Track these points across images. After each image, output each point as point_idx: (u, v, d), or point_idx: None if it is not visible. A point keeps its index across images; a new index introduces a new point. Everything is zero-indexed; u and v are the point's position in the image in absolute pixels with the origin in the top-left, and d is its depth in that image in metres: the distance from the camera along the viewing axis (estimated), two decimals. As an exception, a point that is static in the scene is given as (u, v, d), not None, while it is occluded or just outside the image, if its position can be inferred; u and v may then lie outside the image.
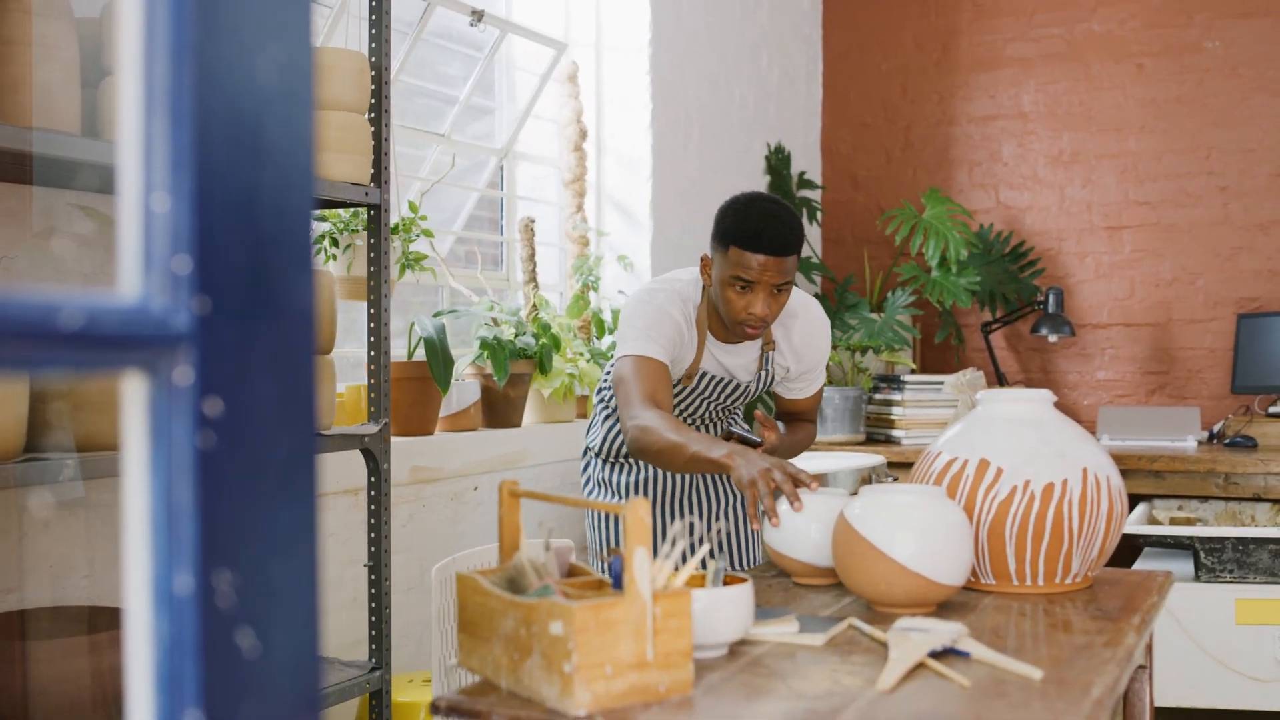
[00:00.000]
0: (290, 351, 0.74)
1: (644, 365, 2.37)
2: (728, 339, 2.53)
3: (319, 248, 2.87)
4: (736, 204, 2.39)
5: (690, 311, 2.48)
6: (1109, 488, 1.94)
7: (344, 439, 2.41)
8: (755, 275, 2.31)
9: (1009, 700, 1.38)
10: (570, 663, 1.32)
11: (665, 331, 2.40)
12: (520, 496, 1.57)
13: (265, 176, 0.71)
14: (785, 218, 2.34)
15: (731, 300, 2.35)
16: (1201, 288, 4.80)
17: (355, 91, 2.43)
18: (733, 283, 2.33)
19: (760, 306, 2.33)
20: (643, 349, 2.38)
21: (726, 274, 2.34)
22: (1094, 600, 1.91)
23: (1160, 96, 4.86)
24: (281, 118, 0.73)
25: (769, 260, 2.30)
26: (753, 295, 2.33)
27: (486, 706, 1.38)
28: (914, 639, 1.56)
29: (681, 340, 2.45)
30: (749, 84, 4.80)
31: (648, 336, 2.39)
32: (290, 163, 0.74)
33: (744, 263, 2.31)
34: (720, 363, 2.54)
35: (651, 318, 2.41)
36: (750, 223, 2.32)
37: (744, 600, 1.57)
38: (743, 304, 2.34)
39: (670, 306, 2.44)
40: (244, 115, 0.70)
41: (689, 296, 2.49)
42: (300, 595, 0.75)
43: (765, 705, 1.36)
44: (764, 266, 2.30)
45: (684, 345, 2.47)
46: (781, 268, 2.32)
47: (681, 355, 2.48)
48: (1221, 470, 3.93)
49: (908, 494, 1.82)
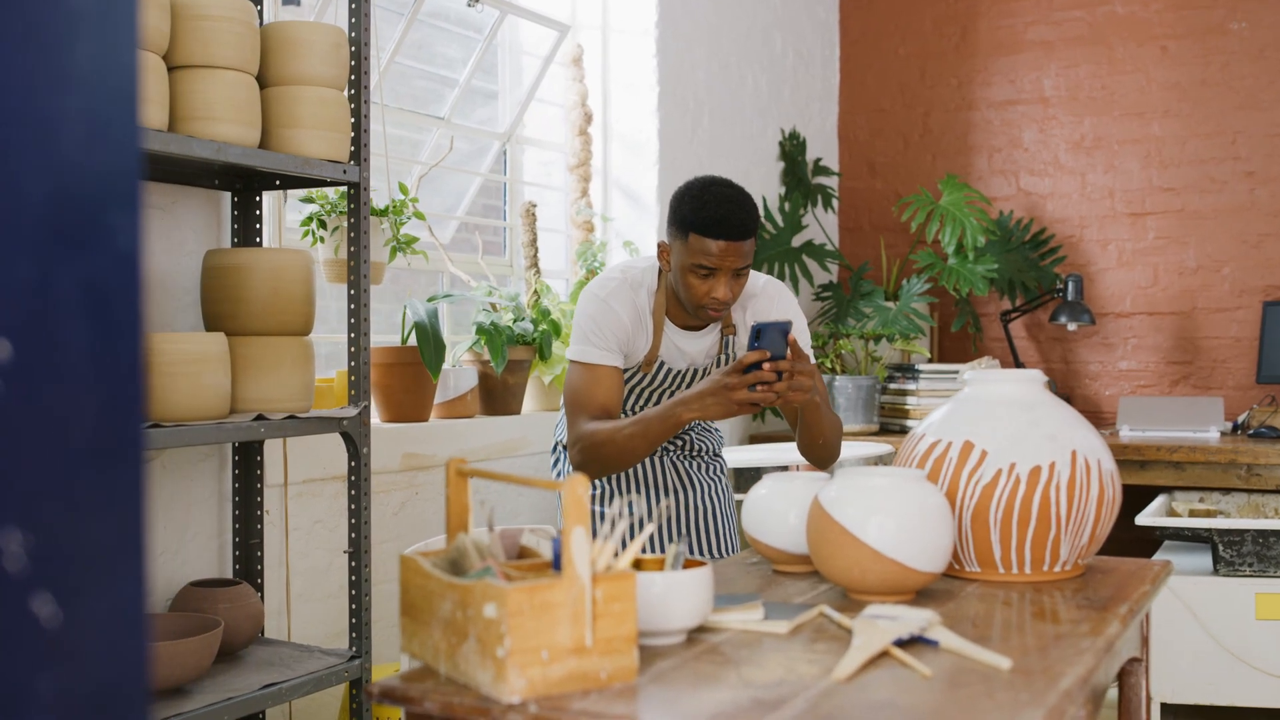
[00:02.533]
0: (107, 296, 0.68)
1: (590, 375, 2.43)
2: (687, 324, 2.52)
3: (305, 230, 2.82)
4: (692, 190, 2.37)
5: (645, 300, 2.48)
6: (1100, 472, 1.85)
7: (321, 422, 2.36)
8: (716, 261, 2.32)
9: (971, 690, 1.30)
10: (503, 647, 1.25)
11: (611, 330, 2.43)
12: (468, 475, 1.50)
13: (72, 103, 0.65)
14: (742, 202, 2.35)
15: (693, 286, 2.36)
16: (1227, 275, 4.68)
17: (333, 67, 2.37)
18: (694, 269, 2.35)
19: (722, 290, 2.35)
20: (587, 354, 2.43)
21: (687, 261, 2.35)
22: (1083, 589, 1.82)
23: (1185, 79, 4.74)
24: (95, 39, 0.67)
25: (729, 245, 2.32)
26: (714, 280, 2.35)
27: (419, 692, 1.32)
28: (881, 626, 1.49)
29: (630, 334, 2.47)
30: (762, 68, 4.71)
31: (590, 340, 2.43)
32: (107, 90, 0.67)
33: (704, 249, 2.32)
34: (680, 349, 2.54)
35: (596, 317, 2.44)
36: (708, 209, 2.31)
37: (702, 585, 1.50)
38: (704, 289, 2.36)
39: (617, 300, 2.45)
40: (44, 32, 0.64)
41: (643, 284, 2.49)
42: (121, 563, 0.69)
43: (710, 694, 1.29)
44: (724, 252, 2.32)
45: (635, 338, 2.48)
46: (741, 251, 2.34)
47: (635, 348, 2.49)
48: (1243, 461, 3.82)
49: (884, 477, 1.75)
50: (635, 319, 2.47)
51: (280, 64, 2.33)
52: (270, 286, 2.33)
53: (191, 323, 2.50)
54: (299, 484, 2.74)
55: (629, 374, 2.54)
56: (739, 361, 2.22)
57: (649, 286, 2.50)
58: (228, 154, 2.16)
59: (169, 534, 2.48)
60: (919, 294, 4.52)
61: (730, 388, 2.22)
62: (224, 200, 2.60)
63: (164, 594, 2.47)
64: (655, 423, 2.31)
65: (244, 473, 2.58)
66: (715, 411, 2.26)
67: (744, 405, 2.23)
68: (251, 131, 2.23)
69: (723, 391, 2.23)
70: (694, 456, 2.71)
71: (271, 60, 2.34)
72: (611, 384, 2.43)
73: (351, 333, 2.46)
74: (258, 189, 2.57)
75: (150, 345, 2.12)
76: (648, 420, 2.32)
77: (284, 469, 2.69)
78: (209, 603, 2.34)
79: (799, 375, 2.23)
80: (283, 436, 2.30)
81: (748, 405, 2.24)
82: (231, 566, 2.59)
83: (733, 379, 2.22)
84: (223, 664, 2.34)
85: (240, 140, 2.20)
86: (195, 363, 2.15)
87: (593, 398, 2.42)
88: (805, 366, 2.24)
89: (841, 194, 5.30)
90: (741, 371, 2.21)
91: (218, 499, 2.59)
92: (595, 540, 1.33)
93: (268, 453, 2.65)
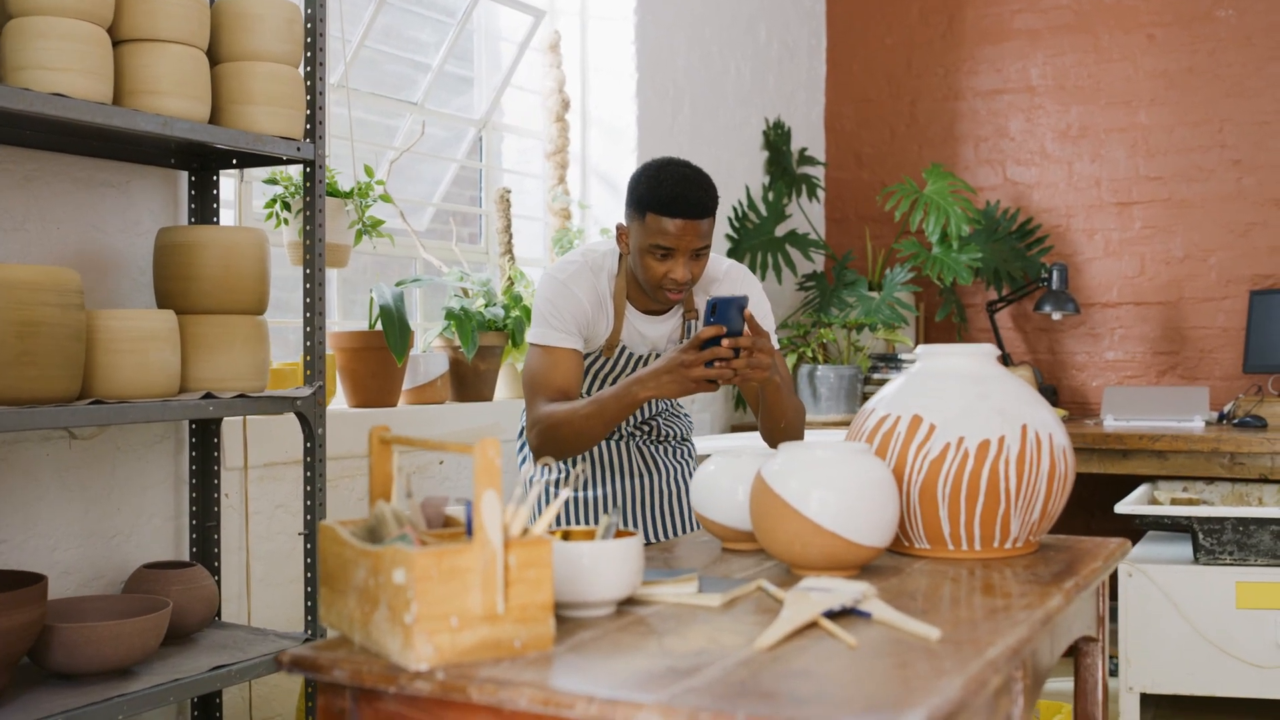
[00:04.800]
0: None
1: (548, 357, 2.40)
2: (649, 309, 2.49)
3: (269, 212, 2.79)
4: (649, 170, 2.34)
5: (605, 284, 2.45)
6: (1052, 446, 1.82)
7: (274, 401, 2.33)
8: (673, 241, 2.29)
9: (894, 660, 1.27)
10: (410, 613, 1.22)
11: (570, 312, 2.41)
12: (390, 443, 1.47)
13: None
14: (700, 181, 2.32)
15: (651, 266, 2.33)
16: (1214, 265, 4.64)
17: (285, 42, 2.35)
18: (652, 250, 2.31)
19: (680, 271, 2.32)
20: (546, 337, 2.40)
21: (645, 241, 2.32)
22: (1034, 566, 1.79)
23: (1171, 67, 4.70)
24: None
25: (686, 224, 2.28)
26: (673, 261, 2.32)
27: (329, 661, 1.29)
28: (813, 598, 1.46)
29: (590, 318, 2.44)
30: (745, 57, 4.68)
31: (550, 322, 2.40)
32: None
33: (662, 228, 2.28)
34: (641, 334, 2.51)
35: (555, 300, 2.41)
36: (665, 188, 2.28)
37: (630, 555, 1.47)
38: (662, 270, 2.33)
39: (578, 283, 2.42)
40: None
41: (604, 267, 2.46)
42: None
43: (625, 662, 1.26)
44: (681, 231, 2.28)
45: (596, 322, 2.45)
46: (698, 230, 2.30)
47: (595, 332, 2.47)
48: (1226, 450, 3.78)
49: (827, 450, 1.71)
50: (596, 303, 2.44)
51: (232, 39, 2.30)
52: (222, 264, 2.30)
53: (145, 302, 2.48)
54: (260, 467, 2.71)
55: (590, 358, 2.51)
56: (695, 338, 2.17)
57: (610, 270, 2.46)
58: (175, 128, 2.13)
59: (124, 516, 2.46)
60: (902, 283, 4.49)
61: (686, 364, 2.18)
62: (181, 180, 2.58)
63: (118, 576, 2.44)
64: (611, 402, 2.27)
65: (201, 455, 2.55)
66: (672, 389, 2.22)
67: (700, 383, 2.19)
68: (200, 106, 2.20)
69: (679, 369, 2.19)
70: (660, 441, 2.68)
71: (223, 35, 2.31)
72: (570, 366, 2.40)
73: (307, 312, 2.43)
74: (215, 168, 2.54)
75: (95, 322, 2.10)
76: (603, 400, 2.28)
77: (244, 452, 2.66)
78: (161, 585, 2.31)
79: (758, 353, 2.19)
80: (232, 415, 2.28)
81: (704, 383, 2.19)
82: (188, 549, 2.56)
83: (689, 355, 2.17)
84: (174, 646, 2.31)
85: (188, 115, 2.17)
86: (141, 340, 2.12)
87: (550, 380, 2.38)
88: (765, 344, 2.21)
89: (828, 184, 5.27)
90: (698, 348, 2.18)
91: (174, 481, 2.56)
92: (510, 506, 1.30)
93: (229, 436, 2.62)
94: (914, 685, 1.17)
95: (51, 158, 2.33)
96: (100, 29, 2.05)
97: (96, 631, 2.05)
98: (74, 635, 2.04)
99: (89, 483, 2.39)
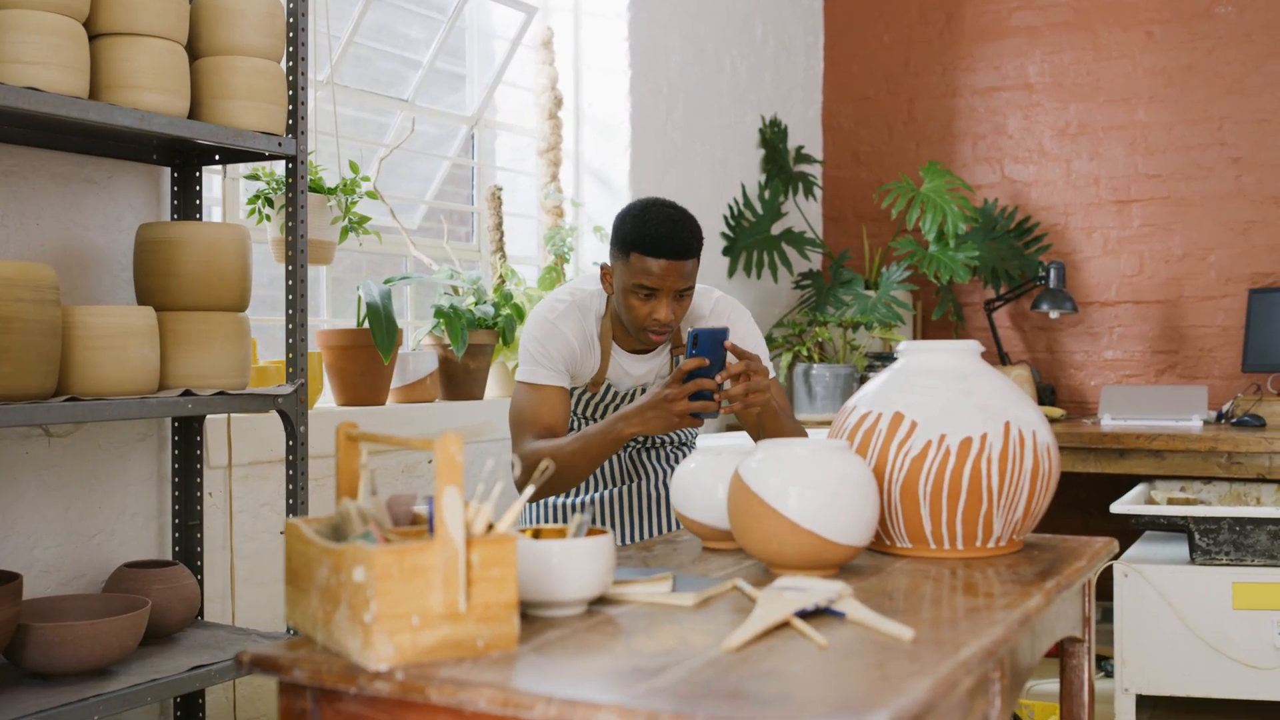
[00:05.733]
0: None
1: (536, 395, 2.41)
2: (634, 348, 2.50)
3: (252, 208, 2.77)
4: (634, 211, 2.35)
5: (592, 324, 2.47)
6: (1035, 444, 1.79)
7: (254, 399, 2.31)
8: (657, 281, 2.30)
9: (864, 660, 1.25)
10: (370, 612, 1.20)
11: (558, 351, 2.42)
12: (358, 440, 1.45)
13: None
14: (684, 222, 2.32)
15: (635, 307, 2.34)
16: (1213, 263, 4.60)
17: (267, 37, 2.32)
18: (636, 290, 2.32)
19: (664, 312, 2.32)
20: (534, 375, 2.42)
21: (629, 281, 2.33)
22: (1016, 565, 1.76)
23: (1170, 65, 4.67)
24: None
25: (670, 265, 2.29)
26: (656, 301, 2.32)
27: (289, 660, 1.26)
28: (786, 598, 1.43)
29: (578, 357, 2.45)
30: (741, 54, 4.65)
31: (538, 361, 2.42)
32: None
33: (645, 269, 2.29)
34: (627, 372, 2.52)
35: (543, 339, 2.43)
36: (649, 228, 2.29)
37: (600, 554, 1.44)
38: (646, 310, 2.33)
39: (565, 322, 2.43)
40: None
41: (591, 307, 2.47)
42: None
43: (590, 662, 1.24)
44: (665, 271, 2.29)
45: (584, 360, 2.47)
46: (682, 271, 2.31)
47: (582, 370, 2.48)
48: (1224, 449, 3.74)
49: (805, 447, 1.69)
50: (584, 342, 2.46)
51: (212, 33, 2.28)
52: (203, 260, 2.28)
53: (126, 298, 2.46)
54: (244, 466, 2.69)
55: (577, 392, 2.53)
56: (677, 371, 2.18)
57: (597, 310, 2.48)
58: (152, 123, 2.11)
59: (105, 514, 2.44)
60: (898, 282, 4.46)
61: (670, 399, 2.18)
62: (164, 176, 2.56)
63: (99, 575, 2.42)
64: (596, 438, 2.29)
65: (184, 453, 2.53)
66: (656, 425, 2.23)
67: (684, 417, 2.19)
68: (179, 101, 2.18)
69: (663, 404, 2.20)
70: (654, 448, 2.67)
71: (203, 29, 2.29)
72: (557, 404, 2.42)
73: (289, 309, 2.40)
74: (197, 164, 2.52)
75: (72, 318, 2.08)
76: (589, 437, 2.30)
77: (228, 450, 2.64)
78: (141, 584, 2.29)
79: (754, 375, 2.19)
80: (211, 413, 2.26)
81: (688, 417, 2.19)
82: (170, 548, 2.54)
83: (673, 390, 2.18)
84: (155, 646, 2.29)
85: (167, 109, 2.15)
86: (119, 336, 2.10)
87: (538, 417, 2.41)
88: (757, 366, 2.20)
89: (825, 183, 5.24)
90: (681, 382, 2.16)
91: (157, 479, 2.54)
92: (474, 503, 1.28)
93: (214, 434, 2.60)
94: (881, 686, 1.15)
95: (32, 153, 2.31)
96: (76, 22, 2.03)
97: (73, 631, 2.03)
98: (50, 635, 2.02)
99: (69, 481, 2.38)
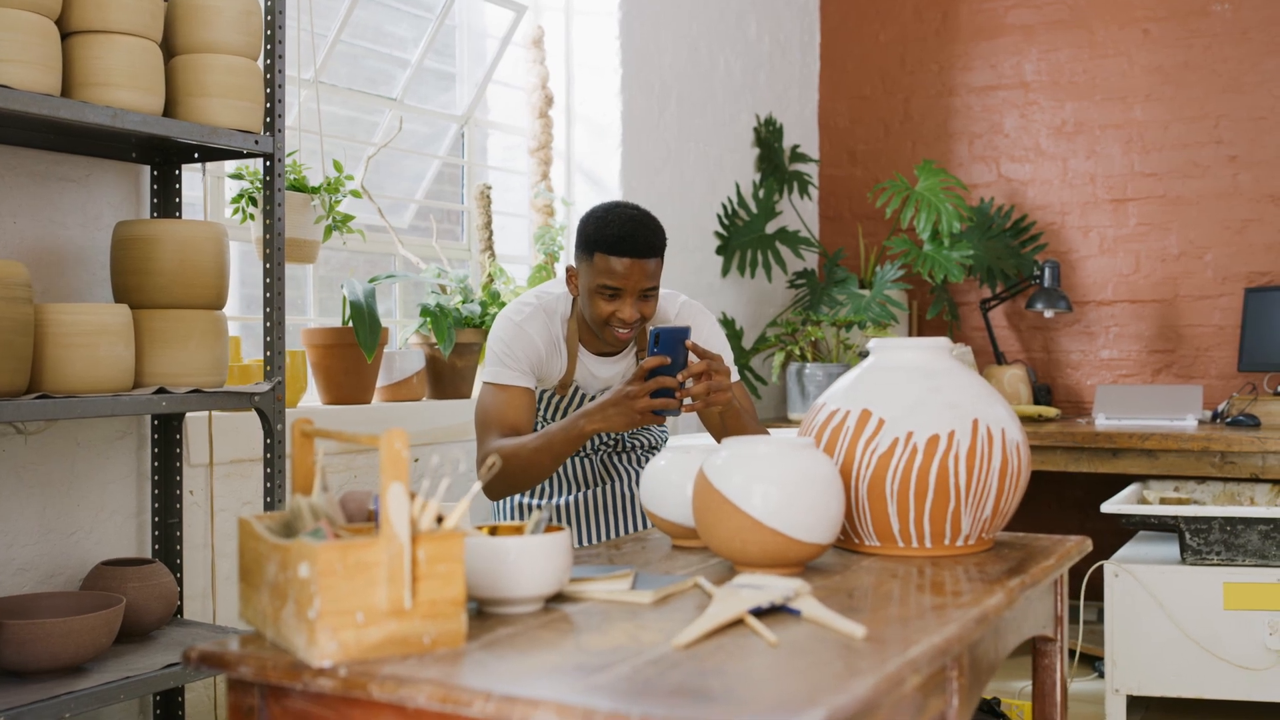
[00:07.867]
0: None
1: (501, 395, 2.43)
2: (601, 351, 2.52)
3: (235, 207, 2.77)
4: (596, 213, 2.38)
5: (558, 326, 2.48)
6: (1004, 442, 1.78)
7: (231, 397, 2.30)
8: (620, 280, 2.31)
9: (812, 658, 1.24)
10: (314, 608, 1.20)
11: (524, 353, 2.44)
12: (314, 436, 1.45)
13: None
14: (647, 222, 2.34)
15: (599, 306, 2.35)
16: (1210, 262, 4.58)
17: (243, 34, 2.32)
18: (600, 290, 2.34)
19: (628, 311, 2.34)
20: (500, 376, 2.44)
21: (594, 282, 2.34)
22: (984, 564, 1.75)
23: (1167, 63, 4.65)
24: None
25: (633, 264, 2.31)
26: (620, 301, 2.34)
27: (235, 657, 1.26)
28: (742, 595, 1.43)
29: (544, 359, 2.47)
30: (735, 53, 4.64)
31: (504, 362, 2.44)
32: None
33: (609, 268, 2.31)
34: (594, 374, 2.53)
35: (509, 341, 2.44)
36: (612, 228, 2.31)
37: (556, 551, 1.44)
38: (610, 309, 2.35)
39: (531, 324, 2.45)
40: None
41: (558, 310, 2.49)
42: None
43: (536, 659, 1.23)
44: (628, 270, 2.31)
45: (550, 363, 2.48)
46: (646, 270, 2.32)
47: (549, 372, 2.50)
48: (1216, 449, 3.72)
49: (769, 445, 1.68)
50: (550, 344, 2.47)
51: (188, 31, 2.28)
52: (178, 258, 2.28)
53: (103, 296, 2.46)
54: (226, 464, 2.69)
55: (545, 394, 2.55)
56: (639, 369, 2.20)
57: (563, 313, 2.50)
58: (126, 120, 2.11)
59: (84, 512, 2.44)
60: (892, 281, 4.44)
61: (631, 396, 2.20)
62: (143, 174, 2.56)
63: (77, 573, 2.42)
64: (559, 435, 2.30)
65: (163, 451, 2.53)
66: (618, 422, 2.24)
67: (646, 415, 2.21)
68: (153, 99, 2.18)
69: (624, 401, 2.21)
70: (625, 452, 2.67)
71: (179, 27, 2.29)
72: (522, 405, 2.44)
73: (267, 306, 2.40)
74: (176, 162, 2.52)
75: (44, 316, 2.08)
76: (551, 434, 2.31)
77: (209, 448, 2.64)
78: (118, 582, 2.29)
79: (716, 374, 2.20)
80: (187, 410, 2.25)
81: (650, 415, 2.21)
82: (150, 546, 2.54)
83: (634, 387, 2.20)
84: (131, 644, 2.29)
85: (140, 107, 2.15)
86: (92, 334, 2.10)
87: (503, 417, 2.42)
88: (719, 366, 2.22)
89: (822, 182, 5.23)
90: (643, 379, 2.18)
91: (136, 477, 2.54)
92: (420, 499, 1.27)
93: (195, 433, 2.60)
94: (824, 684, 1.14)
95: (8, 151, 2.31)
96: (48, 20, 2.03)
97: (45, 628, 2.03)
98: (23, 632, 2.02)
99: (47, 479, 2.38)
